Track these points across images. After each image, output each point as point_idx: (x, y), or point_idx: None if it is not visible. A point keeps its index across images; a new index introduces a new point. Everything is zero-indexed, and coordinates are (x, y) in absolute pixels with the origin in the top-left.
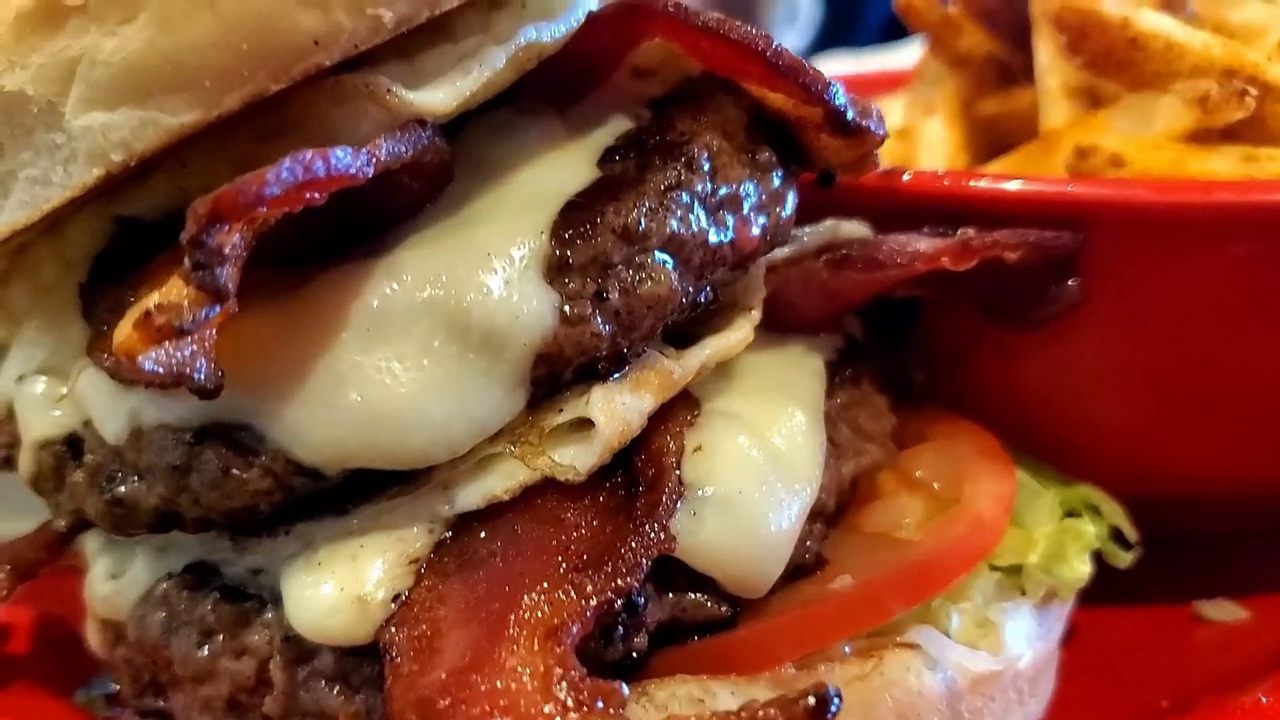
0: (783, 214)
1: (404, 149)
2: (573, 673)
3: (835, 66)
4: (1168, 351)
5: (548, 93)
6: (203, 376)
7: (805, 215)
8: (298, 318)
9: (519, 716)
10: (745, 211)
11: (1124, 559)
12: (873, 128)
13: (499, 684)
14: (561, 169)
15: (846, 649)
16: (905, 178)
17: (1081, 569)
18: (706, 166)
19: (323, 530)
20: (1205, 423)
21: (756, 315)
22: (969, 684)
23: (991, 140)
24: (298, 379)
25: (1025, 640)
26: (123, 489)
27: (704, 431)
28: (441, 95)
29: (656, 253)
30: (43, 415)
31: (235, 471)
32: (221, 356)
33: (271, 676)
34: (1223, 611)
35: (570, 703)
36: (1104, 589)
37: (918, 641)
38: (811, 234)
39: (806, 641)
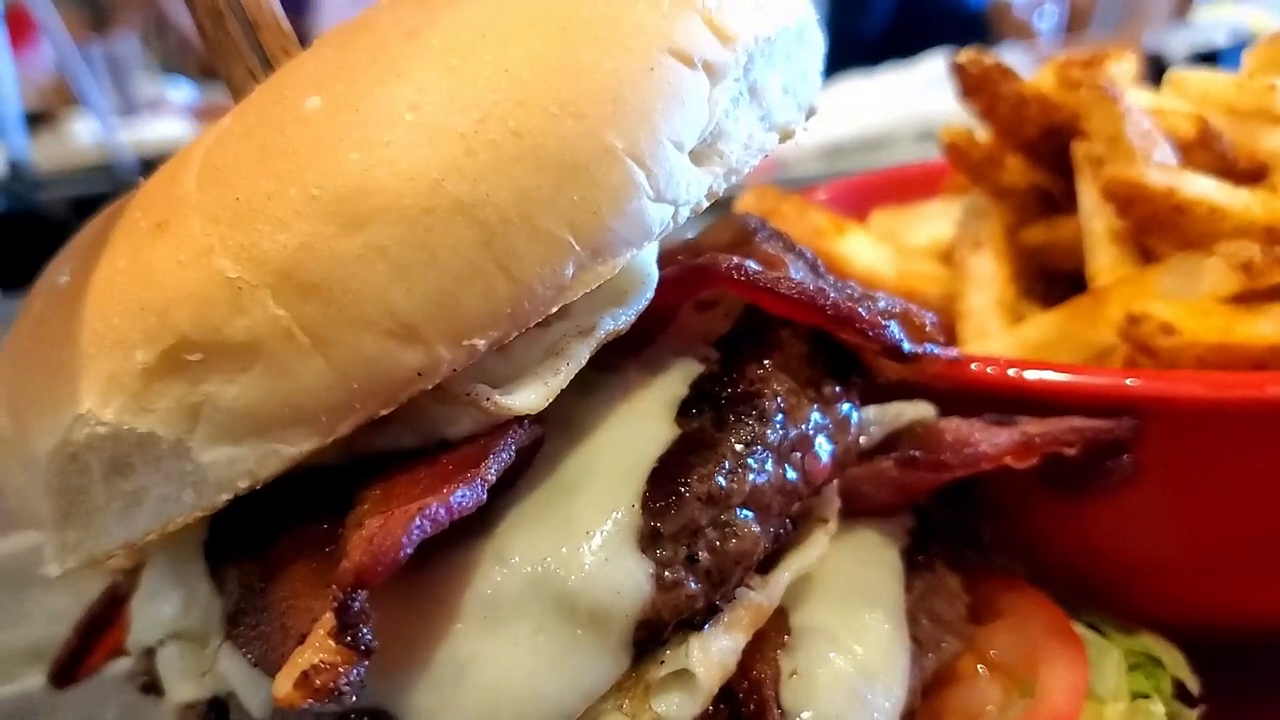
0: (850, 437)
1: (508, 457)
2: None
3: (847, 93)
4: (1222, 516)
5: (621, 342)
6: (354, 698)
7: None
8: (419, 606)
9: None
10: (815, 447)
11: (1191, 717)
12: (930, 352)
13: None
14: (643, 429)
15: None
16: (973, 367)
17: None
18: (779, 418)
19: None
20: (1260, 576)
21: (833, 527)
22: None
23: (1037, 267)
24: (425, 667)
25: None
26: None
27: (798, 654)
28: (534, 397)
29: (739, 510)
30: (185, 681)
31: None
32: None
33: None
34: None
35: None
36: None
37: None
38: (877, 422)
39: None
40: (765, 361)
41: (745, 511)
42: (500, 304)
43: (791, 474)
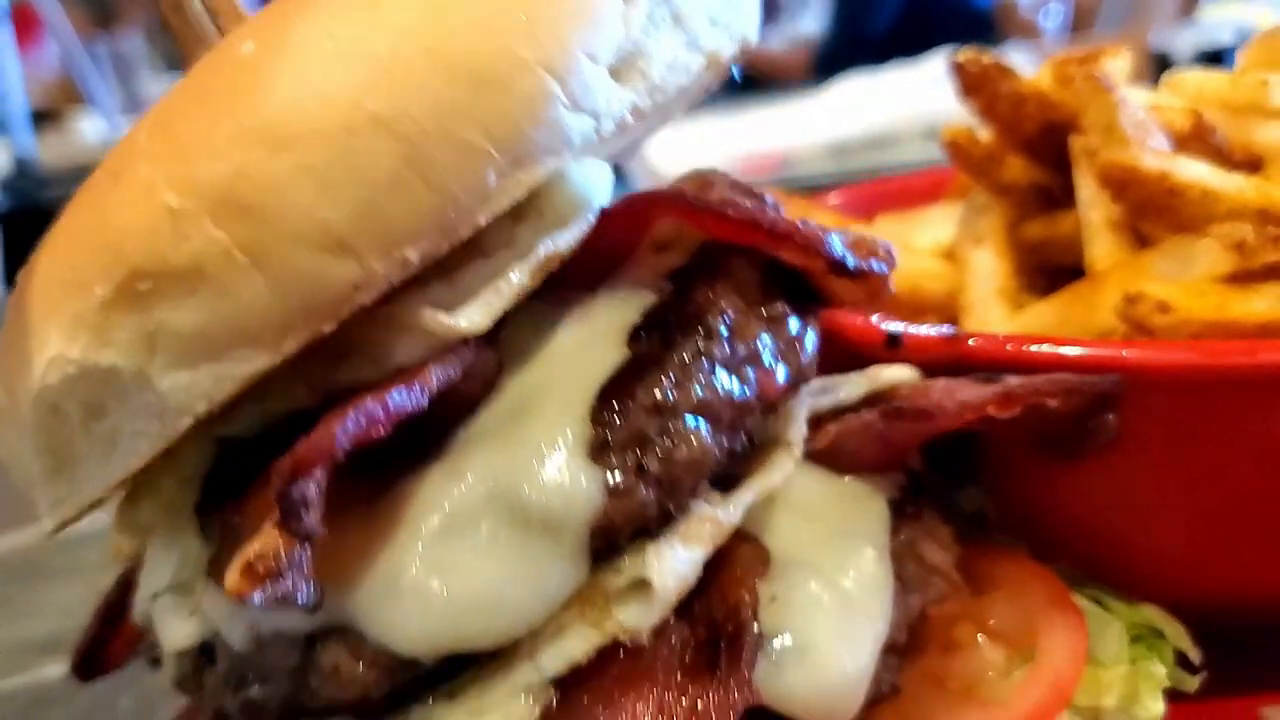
0: (803, 356)
1: (453, 371)
2: None
3: (853, 92)
4: (1220, 485)
5: (579, 280)
6: (304, 599)
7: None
8: (380, 527)
9: None
10: (766, 362)
11: (1191, 684)
12: (875, 268)
13: None
14: (594, 353)
15: None
16: (971, 343)
17: (1156, 708)
18: (724, 331)
19: (446, 714)
20: (1259, 546)
21: (797, 450)
22: None
23: (1038, 262)
24: (388, 581)
25: None
26: (253, 691)
27: (777, 582)
28: (478, 316)
29: (687, 418)
30: (177, 628)
31: (344, 668)
32: (318, 570)
33: None
34: None
35: None
36: (1170, 697)
37: None
38: (855, 383)
39: None
40: (715, 286)
41: (694, 420)
42: (425, 214)
43: (741, 387)
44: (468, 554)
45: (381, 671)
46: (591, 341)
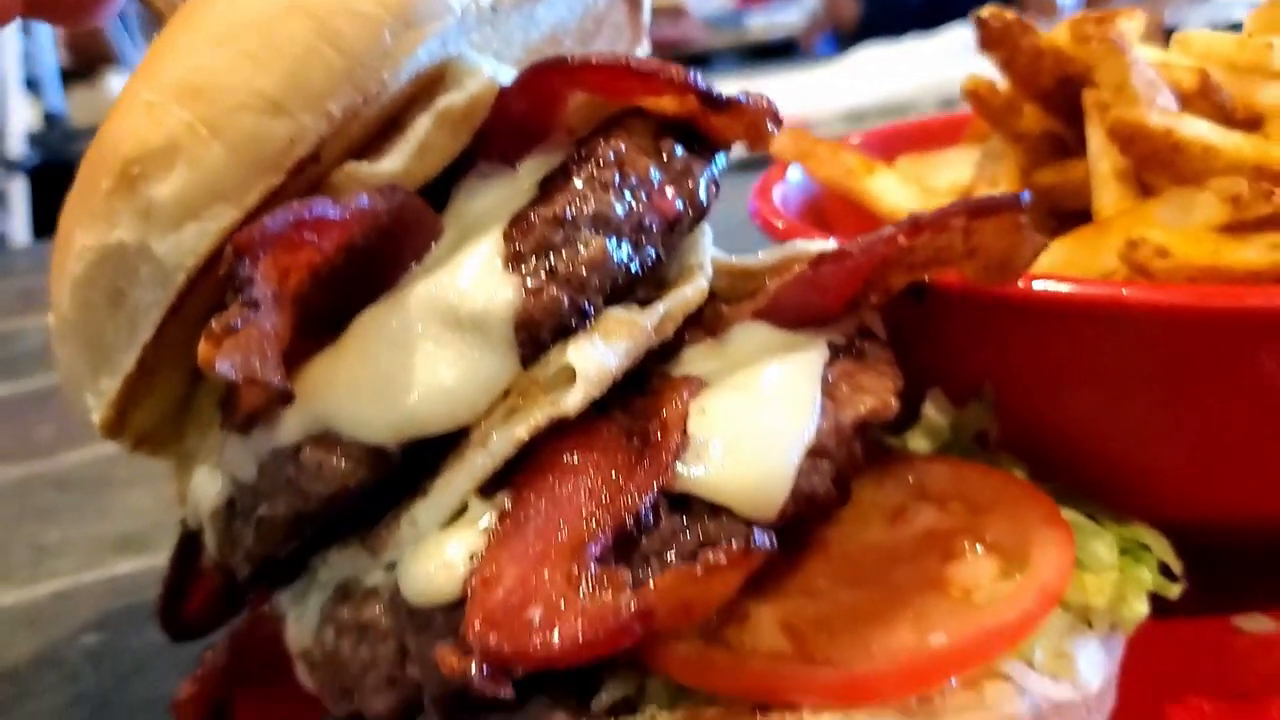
0: (695, 184)
1: (380, 203)
2: (590, 569)
3: (872, 61)
4: (1208, 415)
5: (502, 158)
6: (272, 376)
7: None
8: (346, 350)
9: (546, 601)
10: (658, 186)
11: (1173, 591)
12: (743, 100)
13: (534, 585)
14: (510, 198)
15: (954, 682)
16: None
17: (1140, 609)
18: (613, 157)
19: (423, 510)
20: (1239, 471)
21: (709, 271)
22: (1051, 709)
23: (1048, 206)
24: (354, 388)
25: (1094, 668)
26: (263, 510)
27: (707, 398)
28: (396, 159)
29: (585, 229)
30: (208, 494)
31: (325, 464)
32: (300, 391)
33: (408, 647)
34: (1257, 624)
35: (585, 586)
36: (1154, 603)
37: (1010, 673)
38: (776, 250)
39: (913, 685)
40: (610, 134)
41: (591, 229)
42: (338, 74)
43: (637, 208)
44: (414, 355)
45: (356, 463)
46: (513, 195)
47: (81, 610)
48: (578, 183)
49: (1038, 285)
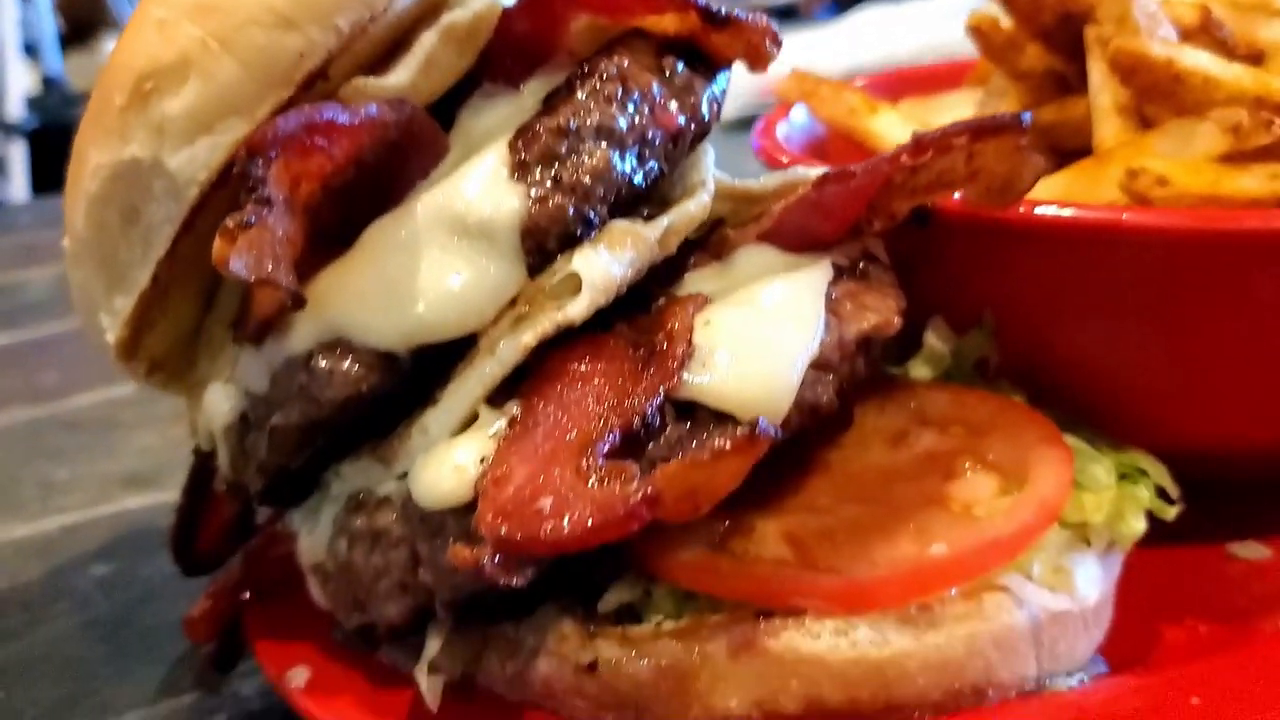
0: (697, 99)
1: (389, 114)
2: (599, 463)
3: (871, 22)
4: (1206, 337)
5: (507, 79)
6: (283, 278)
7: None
8: (356, 259)
9: (556, 493)
10: (660, 100)
11: (1169, 513)
12: (742, 17)
13: (545, 480)
14: (515, 115)
15: (953, 592)
16: None
17: (1137, 526)
18: (616, 73)
19: (434, 419)
20: (1236, 393)
21: (711, 188)
22: (1048, 619)
23: (1050, 144)
24: (364, 296)
25: (1092, 583)
26: (277, 419)
27: (712, 311)
28: (402, 74)
29: (589, 140)
30: (221, 410)
31: (337, 370)
32: (311, 299)
33: (420, 552)
34: (1251, 551)
35: (594, 478)
36: (1151, 531)
37: (1008, 585)
38: (779, 175)
39: (914, 593)
40: (612, 52)
41: (595, 140)
42: None
43: (640, 120)
44: (422, 261)
45: (368, 368)
46: (517, 112)
47: (91, 542)
48: (581, 96)
49: (1039, 210)
